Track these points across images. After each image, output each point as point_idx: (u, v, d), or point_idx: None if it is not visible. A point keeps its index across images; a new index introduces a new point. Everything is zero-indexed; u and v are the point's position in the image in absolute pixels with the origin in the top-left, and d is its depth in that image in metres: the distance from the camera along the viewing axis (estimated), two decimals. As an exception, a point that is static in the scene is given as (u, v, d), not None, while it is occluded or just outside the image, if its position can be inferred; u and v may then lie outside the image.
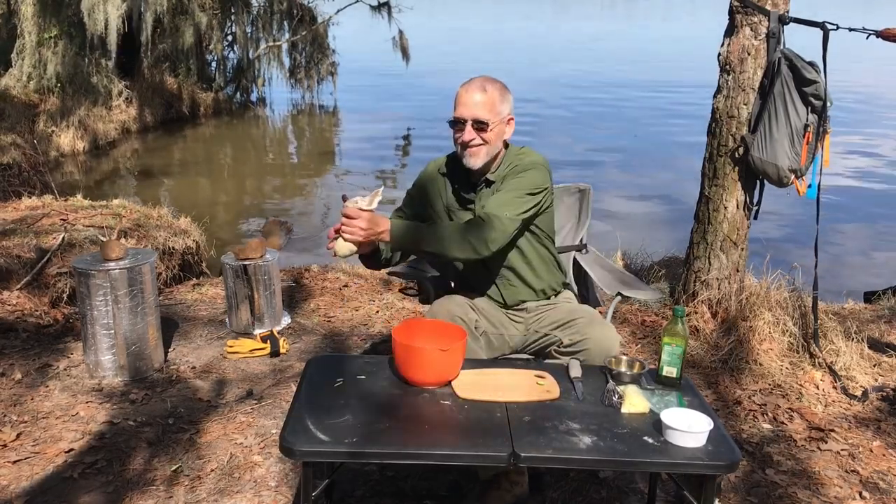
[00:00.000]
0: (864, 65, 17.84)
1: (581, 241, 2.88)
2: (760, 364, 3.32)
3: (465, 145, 2.30)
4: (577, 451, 1.78)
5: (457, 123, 2.31)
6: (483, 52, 23.55)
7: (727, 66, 3.50)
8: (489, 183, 2.38)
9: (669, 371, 2.08)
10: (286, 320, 3.82)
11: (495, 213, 2.25)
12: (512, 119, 2.37)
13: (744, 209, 3.59)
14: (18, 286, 3.80)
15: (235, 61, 13.56)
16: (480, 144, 2.30)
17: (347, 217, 2.13)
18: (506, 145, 2.42)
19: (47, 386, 3.06)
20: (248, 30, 13.27)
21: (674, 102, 14.09)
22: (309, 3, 13.67)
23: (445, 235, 2.24)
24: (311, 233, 6.96)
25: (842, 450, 2.71)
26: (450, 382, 2.06)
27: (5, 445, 2.62)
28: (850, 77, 15.98)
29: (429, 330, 2.17)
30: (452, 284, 2.64)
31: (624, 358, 2.18)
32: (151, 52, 11.36)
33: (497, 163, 2.39)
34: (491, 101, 2.29)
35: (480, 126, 2.28)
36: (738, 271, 3.67)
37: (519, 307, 2.50)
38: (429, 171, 2.53)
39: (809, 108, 3.24)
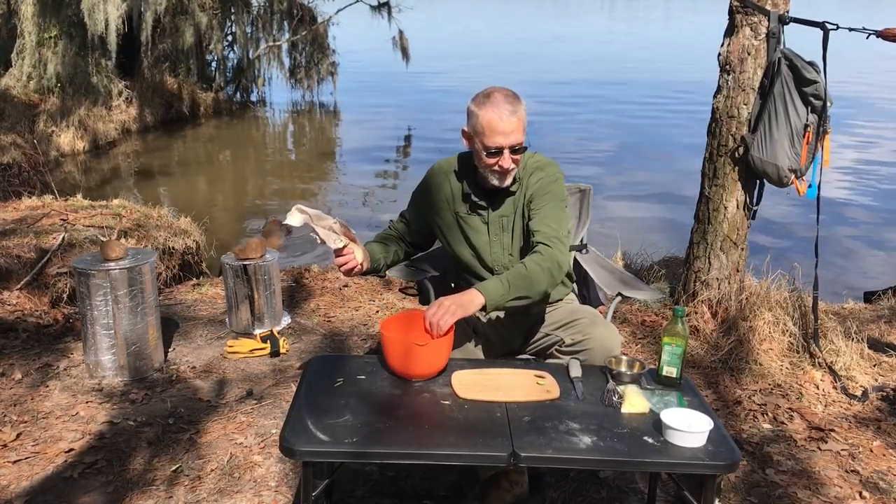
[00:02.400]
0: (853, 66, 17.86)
1: (581, 241, 2.88)
2: (760, 364, 3.32)
3: (504, 171, 2.25)
4: (577, 451, 1.78)
5: (493, 151, 2.23)
6: (482, 52, 23.54)
7: (727, 66, 3.50)
8: (509, 193, 2.35)
9: (669, 371, 2.08)
10: (286, 320, 3.82)
11: (556, 236, 2.24)
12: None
13: (744, 209, 3.59)
14: (18, 286, 3.80)
15: (235, 61, 13.58)
16: (515, 168, 2.27)
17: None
18: None
19: (47, 386, 3.07)
20: (248, 30, 13.28)
21: (674, 102, 14.08)
22: (309, 3, 13.69)
23: (530, 275, 2.17)
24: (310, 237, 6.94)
25: (842, 450, 2.71)
26: (441, 373, 2.08)
27: (5, 445, 2.62)
28: (848, 76, 15.99)
29: (416, 321, 2.13)
30: (453, 285, 2.63)
31: (624, 358, 2.18)
32: (151, 52, 11.36)
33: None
34: (522, 121, 2.22)
35: (518, 150, 2.23)
36: (738, 271, 3.67)
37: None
38: (436, 175, 2.46)
39: (809, 108, 3.24)
